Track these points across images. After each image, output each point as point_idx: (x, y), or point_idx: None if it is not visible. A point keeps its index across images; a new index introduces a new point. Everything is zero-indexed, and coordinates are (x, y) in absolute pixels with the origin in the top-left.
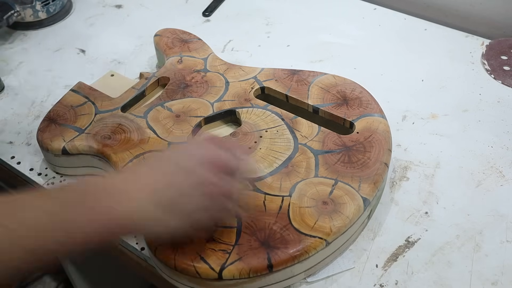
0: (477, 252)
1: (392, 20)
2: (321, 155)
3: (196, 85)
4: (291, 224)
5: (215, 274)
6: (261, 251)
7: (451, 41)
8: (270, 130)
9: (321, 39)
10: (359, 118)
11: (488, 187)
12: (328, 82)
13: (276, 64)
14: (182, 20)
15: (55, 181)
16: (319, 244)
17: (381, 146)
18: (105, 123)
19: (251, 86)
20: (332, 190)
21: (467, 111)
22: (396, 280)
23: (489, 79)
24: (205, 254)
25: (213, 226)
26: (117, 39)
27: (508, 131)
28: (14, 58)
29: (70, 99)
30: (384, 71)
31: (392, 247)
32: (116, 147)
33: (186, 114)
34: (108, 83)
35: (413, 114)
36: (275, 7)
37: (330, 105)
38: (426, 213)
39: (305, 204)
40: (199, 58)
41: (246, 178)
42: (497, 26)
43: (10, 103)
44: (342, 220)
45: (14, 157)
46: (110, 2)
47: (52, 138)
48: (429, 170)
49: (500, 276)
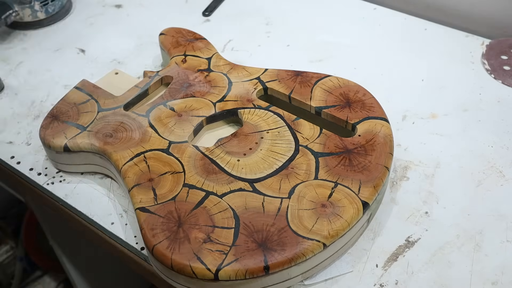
0: (477, 252)
1: (392, 20)
2: (321, 158)
3: (199, 84)
4: (289, 226)
5: (211, 275)
6: (258, 253)
7: (451, 41)
8: (271, 131)
9: (321, 39)
10: (361, 121)
11: (488, 187)
12: (331, 84)
13: (276, 64)
14: (182, 20)
15: (54, 181)
16: (316, 247)
17: (382, 149)
18: (107, 121)
19: (254, 86)
20: (331, 193)
21: (467, 111)
22: (396, 280)
23: (489, 79)
24: (201, 254)
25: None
26: (117, 39)
27: (508, 131)
28: (14, 58)
29: (74, 96)
30: (384, 71)
31: (392, 247)
32: (117, 145)
33: (188, 114)
34: (112, 81)
35: (413, 114)
36: (275, 7)
37: (333, 107)
38: (426, 213)
39: (304, 207)
40: (203, 58)
41: None
42: (497, 26)
43: (10, 103)
44: (340, 223)
45: (14, 157)
46: (110, 2)
47: (54, 135)
48: (429, 170)
49: (500, 276)
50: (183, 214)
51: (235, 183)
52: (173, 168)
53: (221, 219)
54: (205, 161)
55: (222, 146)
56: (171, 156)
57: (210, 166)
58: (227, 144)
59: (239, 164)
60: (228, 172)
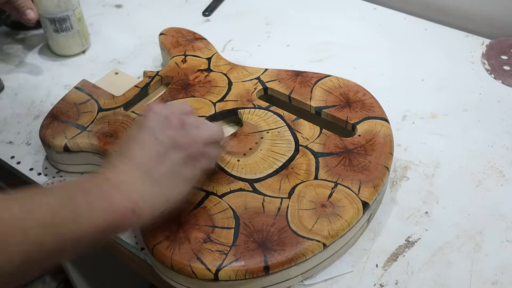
0: (477, 252)
1: (392, 20)
2: (321, 158)
3: (199, 84)
4: (289, 226)
5: (211, 275)
6: (258, 253)
7: (451, 41)
8: (271, 131)
9: (321, 39)
10: (361, 121)
11: (488, 187)
12: (331, 84)
13: (276, 64)
14: (182, 20)
15: (55, 181)
16: (316, 247)
17: (382, 149)
18: (107, 121)
19: (254, 86)
20: (331, 193)
21: (467, 111)
22: (396, 280)
23: (489, 79)
24: (201, 254)
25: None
26: (116, 39)
27: (508, 131)
28: (13, 58)
29: (74, 96)
30: (384, 71)
31: (392, 247)
32: (117, 145)
33: None
34: (112, 81)
35: (413, 114)
36: (275, 7)
37: (333, 107)
38: (426, 213)
39: (304, 207)
40: (203, 58)
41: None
42: (497, 25)
43: (10, 103)
44: (340, 223)
45: (14, 157)
46: (110, 1)
47: (54, 135)
48: (429, 169)
49: (500, 276)
50: (183, 214)
51: (235, 183)
52: None
53: (221, 219)
54: None
55: (222, 146)
56: None
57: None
58: (227, 144)
59: (239, 164)
60: (228, 172)
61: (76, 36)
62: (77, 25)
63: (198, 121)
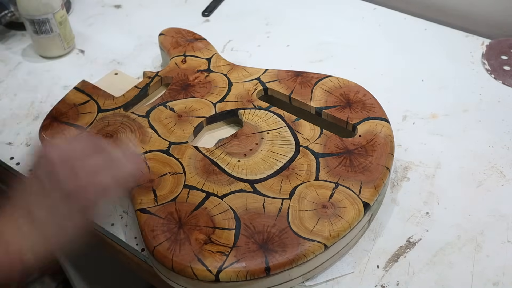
0: (478, 252)
1: (392, 20)
2: (322, 158)
3: (199, 85)
4: (290, 227)
5: (212, 276)
6: (259, 254)
7: (451, 41)
8: (271, 132)
9: (321, 39)
10: (362, 122)
11: (489, 187)
12: (331, 84)
13: (276, 64)
14: (181, 20)
15: None
16: (317, 248)
17: (383, 150)
18: (107, 122)
19: (254, 87)
20: (332, 193)
21: (467, 111)
22: (397, 280)
23: (489, 79)
24: (202, 255)
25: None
26: (116, 39)
27: (509, 131)
28: (13, 59)
29: (73, 97)
30: (384, 71)
31: (393, 248)
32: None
33: (188, 114)
34: (111, 82)
35: (413, 114)
36: (275, 7)
37: (333, 108)
38: (427, 213)
39: (304, 208)
40: (203, 58)
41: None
42: (497, 26)
43: (9, 103)
44: (341, 224)
45: (13, 157)
46: (109, 2)
47: (54, 136)
48: (430, 170)
49: (501, 276)
50: (184, 215)
51: (236, 184)
52: (174, 169)
53: (221, 220)
54: (206, 162)
55: (223, 147)
56: (171, 157)
57: (211, 167)
58: (228, 145)
59: (239, 165)
60: (229, 173)
61: (57, 39)
62: (57, 29)
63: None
